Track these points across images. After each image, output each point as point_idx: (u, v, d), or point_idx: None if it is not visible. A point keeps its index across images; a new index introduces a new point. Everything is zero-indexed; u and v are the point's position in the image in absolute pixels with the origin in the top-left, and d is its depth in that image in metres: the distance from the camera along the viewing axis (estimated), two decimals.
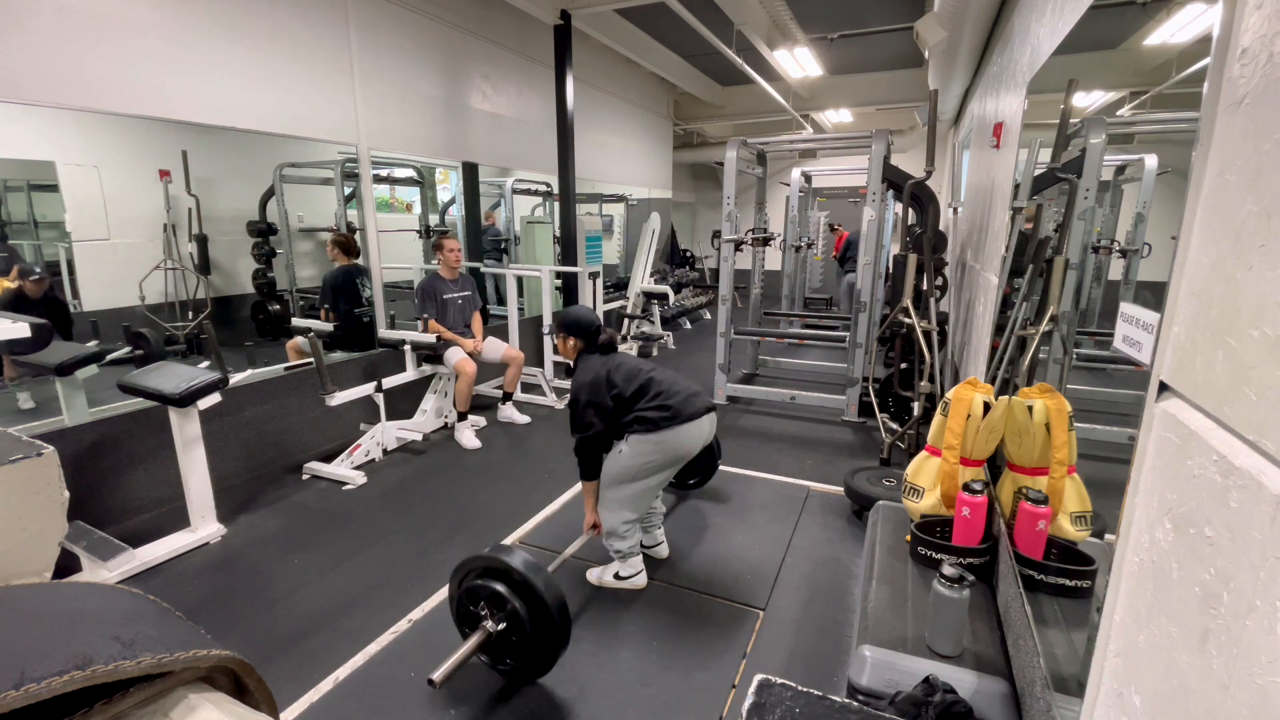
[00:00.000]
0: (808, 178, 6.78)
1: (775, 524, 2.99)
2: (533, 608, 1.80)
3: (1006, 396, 1.94)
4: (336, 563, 2.66)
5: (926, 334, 3.59)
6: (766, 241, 5.11)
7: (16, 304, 3.61)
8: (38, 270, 3.88)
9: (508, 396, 4.49)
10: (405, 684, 1.95)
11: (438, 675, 1.70)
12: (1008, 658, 1.61)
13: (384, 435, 3.79)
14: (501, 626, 1.82)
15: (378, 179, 5.57)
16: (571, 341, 2.44)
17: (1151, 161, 1.65)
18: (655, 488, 2.39)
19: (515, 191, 6.81)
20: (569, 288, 5.70)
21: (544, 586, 1.79)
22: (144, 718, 0.79)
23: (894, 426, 3.96)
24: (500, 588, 1.82)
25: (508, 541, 2.84)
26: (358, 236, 4.39)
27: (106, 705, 0.76)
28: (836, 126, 10.01)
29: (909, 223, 3.94)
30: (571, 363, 2.47)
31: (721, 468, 3.64)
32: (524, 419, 4.51)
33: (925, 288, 3.79)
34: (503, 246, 7.10)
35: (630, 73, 7.53)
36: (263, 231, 5.55)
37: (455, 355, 4.05)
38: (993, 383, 2.27)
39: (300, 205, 5.80)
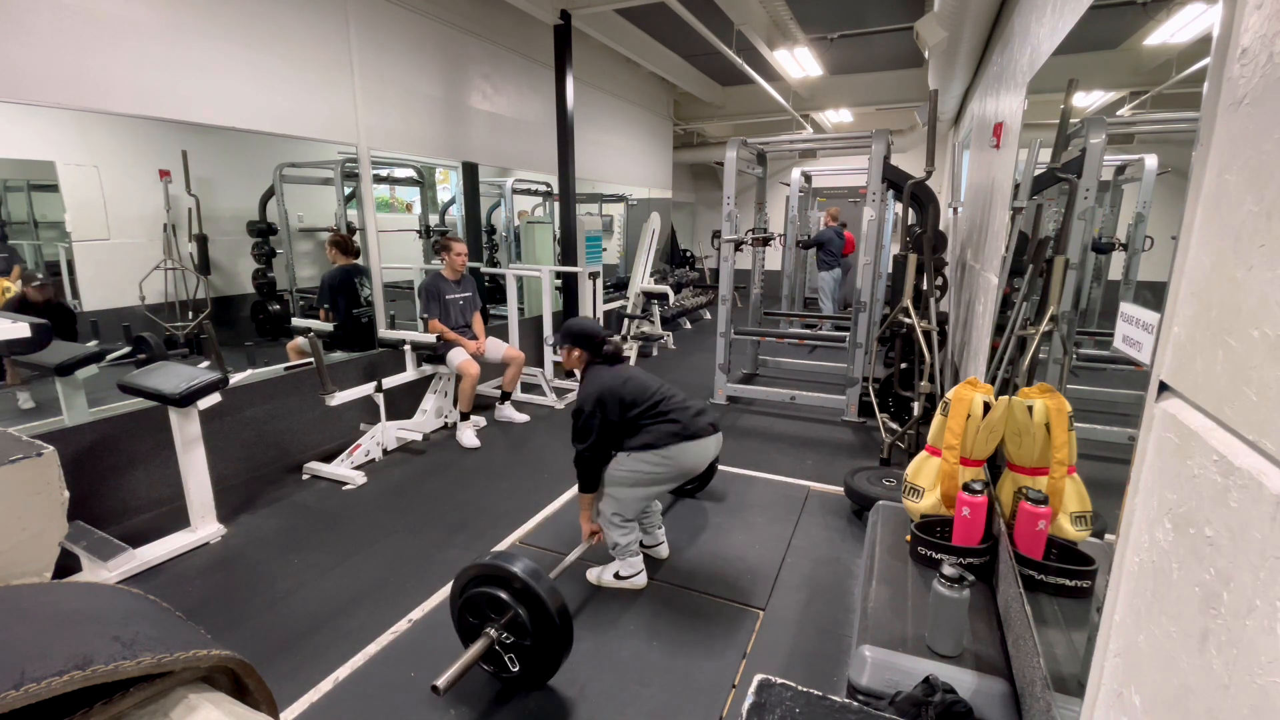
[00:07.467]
0: (808, 178, 6.78)
1: (775, 524, 2.99)
2: (536, 615, 1.79)
3: (1006, 396, 1.94)
4: (336, 563, 2.66)
5: (926, 334, 3.59)
6: (766, 241, 5.11)
7: (20, 310, 3.61)
8: (40, 277, 3.88)
9: (506, 396, 4.49)
10: (405, 684, 1.95)
11: (442, 682, 1.69)
12: (1008, 658, 1.61)
13: (384, 435, 3.79)
14: (505, 636, 1.82)
15: (378, 179, 5.57)
16: (576, 353, 2.45)
17: (1151, 161, 1.65)
18: (652, 496, 2.43)
19: (515, 191, 6.81)
20: (569, 288, 5.70)
21: (547, 594, 1.78)
22: (144, 718, 0.79)
23: (894, 426, 3.96)
24: (503, 595, 1.81)
25: (509, 541, 2.84)
26: (358, 236, 4.39)
27: (106, 705, 0.76)
28: (836, 126, 10.01)
29: (909, 223, 3.94)
30: (577, 372, 2.48)
31: (721, 468, 3.63)
32: (522, 418, 4.51)
33: (925, 288, 3.79)
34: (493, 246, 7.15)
35: (630, 73, 7.52)
36: (263, 231, 5.55)
37: (458, 357, 4.04)
38: (993, 383, 2.27)
39: (300, 205, 5.81)
